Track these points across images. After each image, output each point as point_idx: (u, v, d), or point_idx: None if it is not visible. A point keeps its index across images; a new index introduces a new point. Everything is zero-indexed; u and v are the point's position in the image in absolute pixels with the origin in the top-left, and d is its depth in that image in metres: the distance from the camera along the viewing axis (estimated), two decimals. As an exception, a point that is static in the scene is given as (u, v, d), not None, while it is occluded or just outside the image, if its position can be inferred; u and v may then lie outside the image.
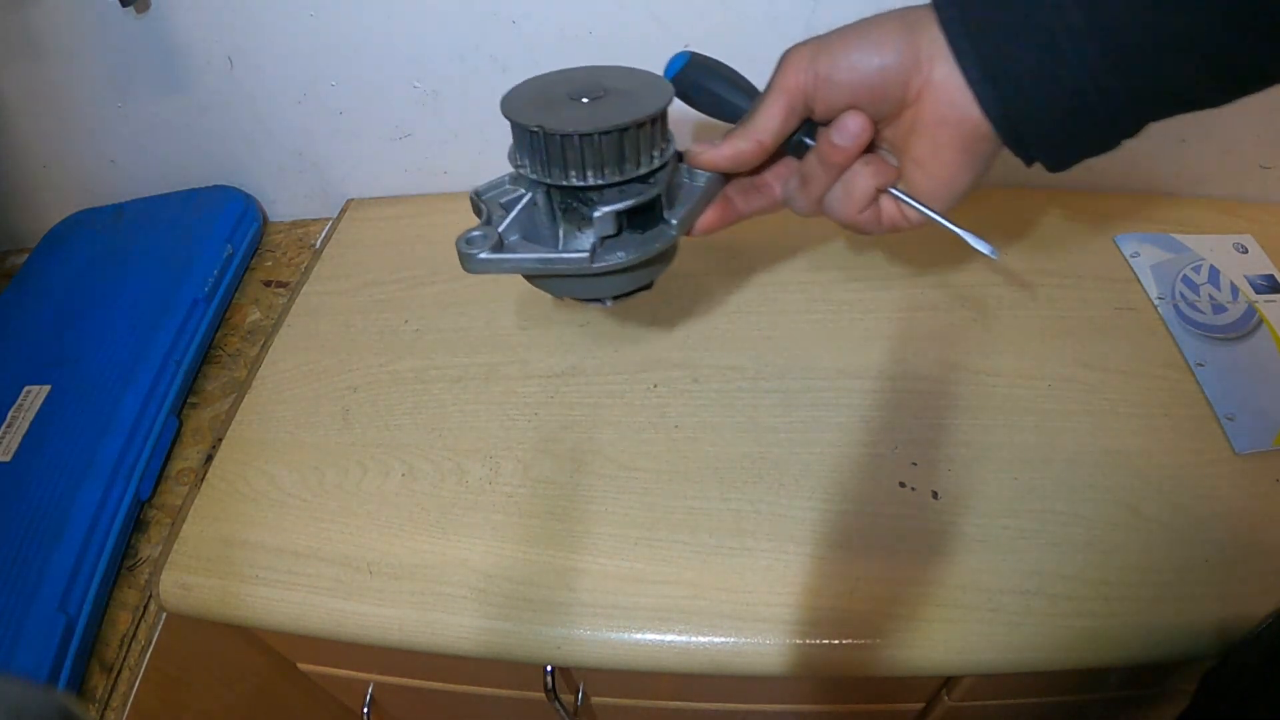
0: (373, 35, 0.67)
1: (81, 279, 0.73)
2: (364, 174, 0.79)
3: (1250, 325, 0.60)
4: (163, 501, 0.59)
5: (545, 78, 0.41)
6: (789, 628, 0.46)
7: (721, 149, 0.40)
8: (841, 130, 0.37)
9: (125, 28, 0.68)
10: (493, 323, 0.65)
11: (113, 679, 0.51)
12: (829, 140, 0.38)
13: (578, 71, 0.41)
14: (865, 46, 0.36)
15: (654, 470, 0.54)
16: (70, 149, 0.79)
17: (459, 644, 0.49)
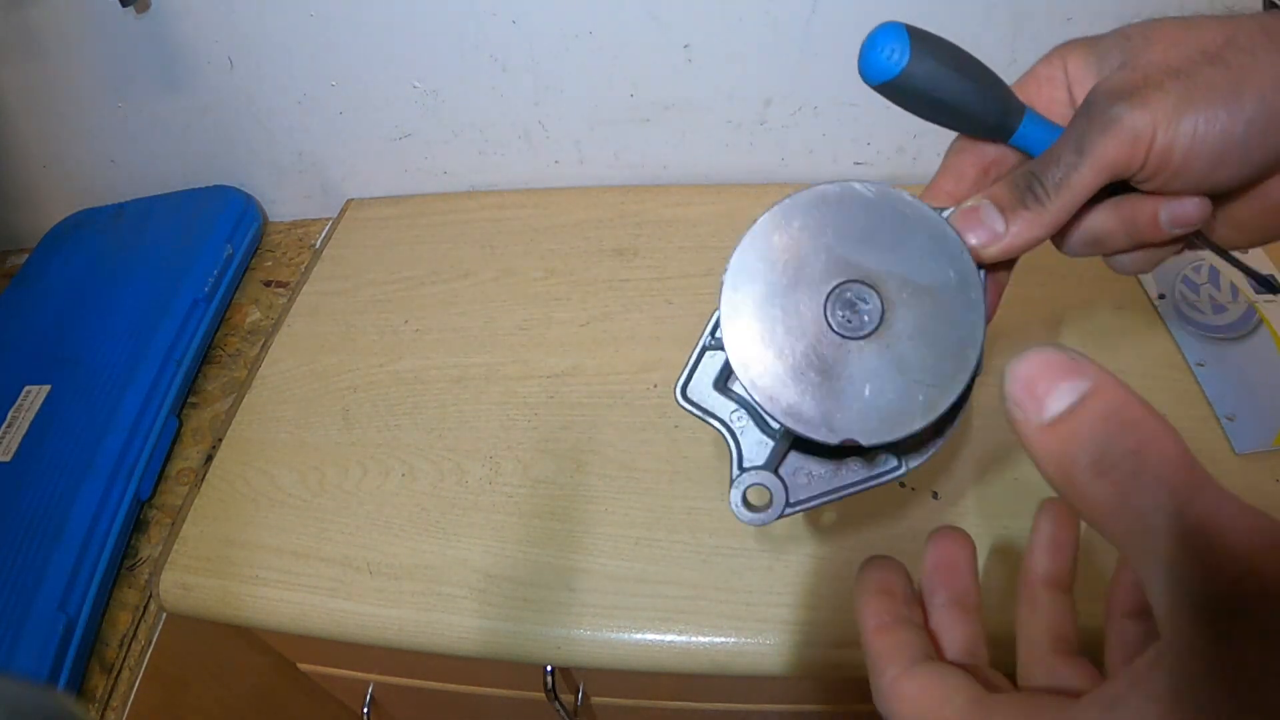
0: (373, 35, 0.67)
1: (81, 279, 0.73)
2: (364, 174, 0.79)
3: (1250, 325, 0.60)
4: (163, 501, 0.59)
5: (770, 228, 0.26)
6: (789, 628, 0.46)
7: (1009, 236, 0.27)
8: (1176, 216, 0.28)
9: (125, 28, 0.68)
10: (493, 323, 0.65)
11: (113, 679, 0.51)
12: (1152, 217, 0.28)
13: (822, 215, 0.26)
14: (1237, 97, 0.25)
15: (654, 470, 0.54)
16: (70, 149, 0.79)
17: (459, 644, 0.49)
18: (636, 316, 0.64)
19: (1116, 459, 0.17)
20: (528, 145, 0.75)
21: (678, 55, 0.66)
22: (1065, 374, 0.18)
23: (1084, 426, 0.17)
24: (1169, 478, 0.16)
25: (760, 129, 0.71)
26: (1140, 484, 0.16)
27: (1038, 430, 0.18)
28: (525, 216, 0.74)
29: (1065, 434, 0.17)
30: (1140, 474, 0.16)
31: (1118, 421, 0.17)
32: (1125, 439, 0.17)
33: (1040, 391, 0.18)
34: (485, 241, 0.72)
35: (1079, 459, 0.17)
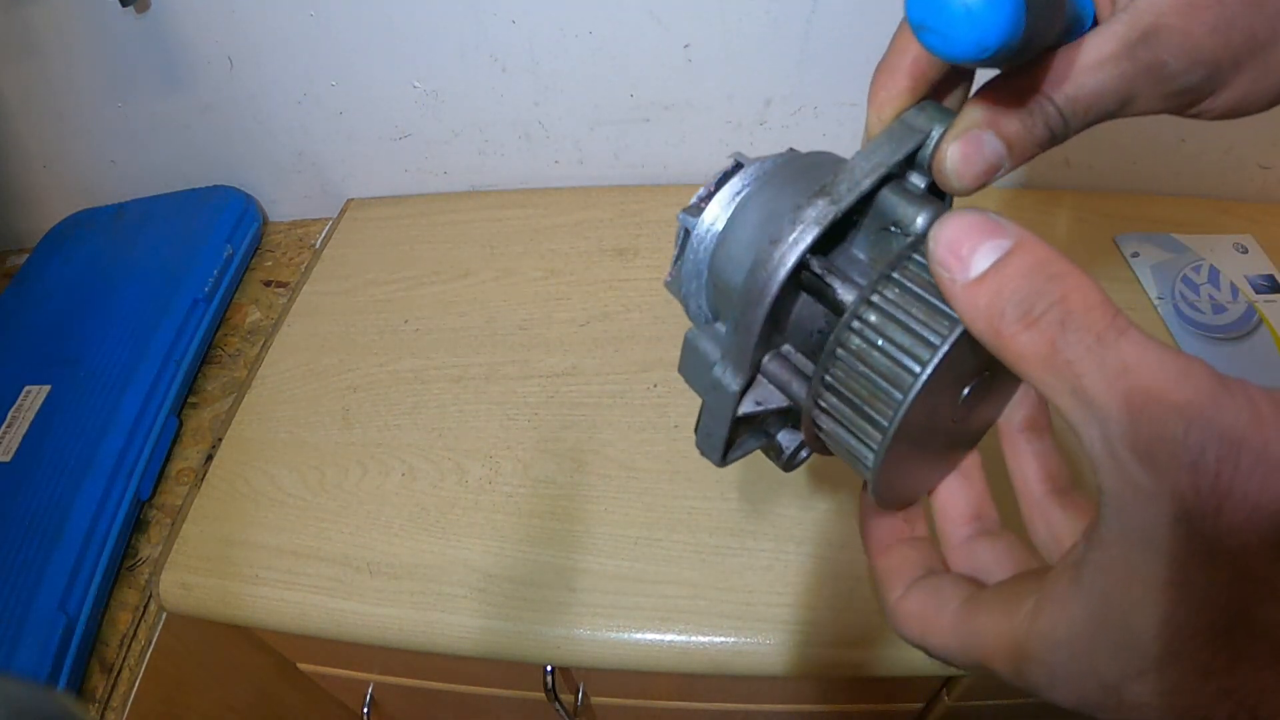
0: (373, 35, 0.67)
1: (81, 279, 0.73)
2: (364, 174, 0.79)
3: (1250, 325, 0.60)
4: (163, 501, 0.59)
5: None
6: (789, 628, 0.46)
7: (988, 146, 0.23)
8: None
9: (125, 27, 0.68)
10: (493, 323, 0.65)
11: (113, 679, 0.51)
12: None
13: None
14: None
15: (654, 470, 0.54)
16: (70, 149, 0.79)
17: (459, 644, 0.49)
18: (636, 316, 0.64)
19: (1043, 309, 0.17)
20: (528, 145, 0.75)
21: (678, 55, 0.66)
22: (988, 234, 0.18)
23: (1010, 280, 0.18)
24: (1094, 324, 0.16)
25: (760, 129, 0.71)
26: (1067, 331, 0.17)
27: (964, 288, 0.18)
28: (525, 216, 0.74)
29: (992, 288, 0.18)
30: (1066, 322, 0.17)
31: (1042, 274, 0.17)
32: (1050, 289, 0.17)
33: (964, 251, 0.18)
34: (485, 241, 0.72)
35: (1006, 311, 0.17)
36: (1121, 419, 0.16)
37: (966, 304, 0.18)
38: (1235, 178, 0.71)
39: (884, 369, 0.20)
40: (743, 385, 0.23)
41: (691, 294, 0.26)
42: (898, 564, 0.25)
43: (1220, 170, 0.71)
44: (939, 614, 0.22)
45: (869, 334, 0.20)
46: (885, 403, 0.20)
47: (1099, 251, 0.67)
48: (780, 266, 0.21)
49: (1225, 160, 0.70)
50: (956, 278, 0.18)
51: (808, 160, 0.25)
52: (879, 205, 0.22)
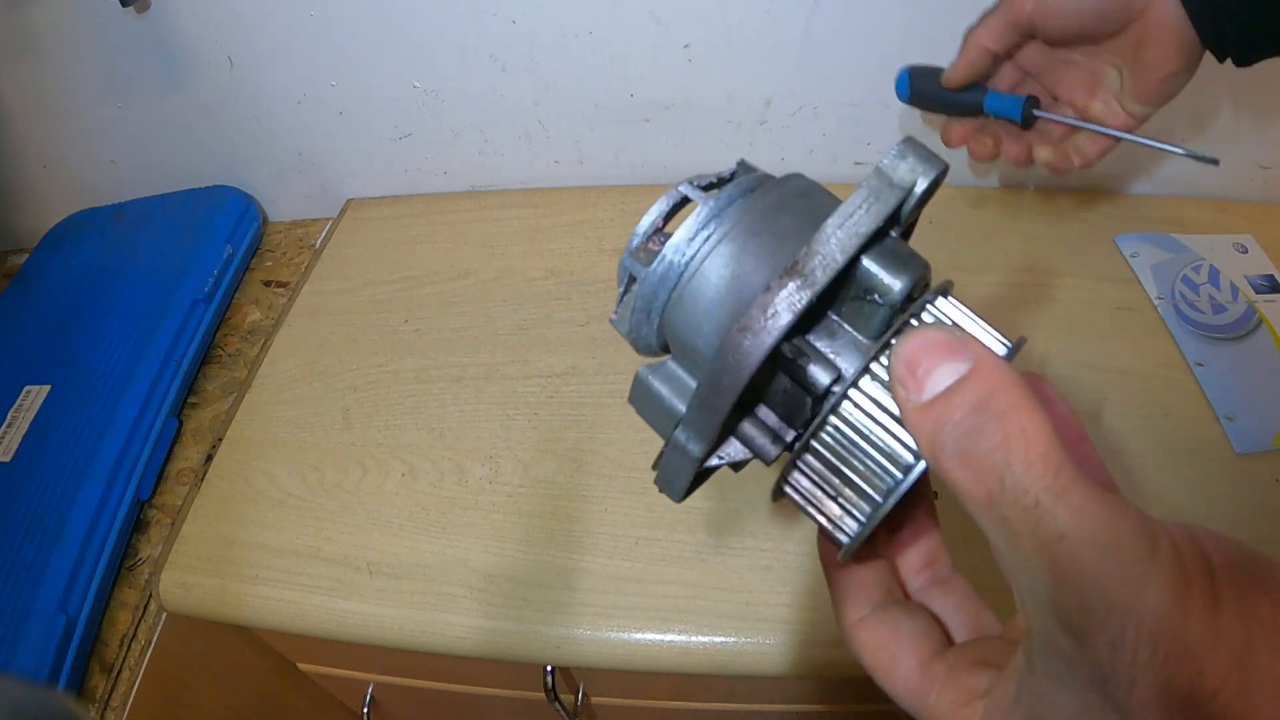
0: (373, 35, 0.67)
1: (81, 279, 0.73)
2: (364, 174, 0.79)
3: (1250, 325, 0.60)
4: (163, 501, 0.59)
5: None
6: (789, 627, 0.46)
7: (958, 65, 0.48)
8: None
9: (125, 28, 0.68)
10: (493, 323, 0.65)
11: (113, 679, 0.51)
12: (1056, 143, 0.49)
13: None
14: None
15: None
16: (70, 149, 0.79)
17: (459, 644, 0.49)
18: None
19: (982, 452, 0.16)
20: (528, 145, 0.75)
21: (678, 55, 0.66)
22: (946, 355, 0.18)
23: (953, 413, 0.17)
24: (1033, 483, 0.16)
25: (760, 129, 0.71)
26: (1005, 488, 0.16)
27: (913, 410, 0.18)
28: (525, 216, 0.74)
29: (936, 418, 0.17)
30: (1004, 473, 0.16)
31: (987, 412, 0.17)
32: (990, 431, 0.16)
33: (920, 372, 0.18)
34: (485, 241, 0.72)
35: (946, 446, 0.17)
36: (1049, 588, 0.16)
37: (914, 426, 0.18)
38: (1235, 178, 0.71)
39: (880, 450, 0.20)
40: (708, 451, 0.23)
41: (640, 334, 0.25)
42: (857, 581, 0.25)
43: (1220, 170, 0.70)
44: (895, 663, 0.23)
45: (858, 418, 0.20)
46: (880, 481, 0.20)
47: (1099, 251, 0.67)
48: (750, 357, 0.20)
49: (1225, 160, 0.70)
50: (910, 397, 0.18)
51: (772, 200, 0.23)
52: (856, 274, 0.21)
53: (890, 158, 0.21)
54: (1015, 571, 0.17)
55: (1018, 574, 0.17)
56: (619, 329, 0.25)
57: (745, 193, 0.23)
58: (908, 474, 0.20)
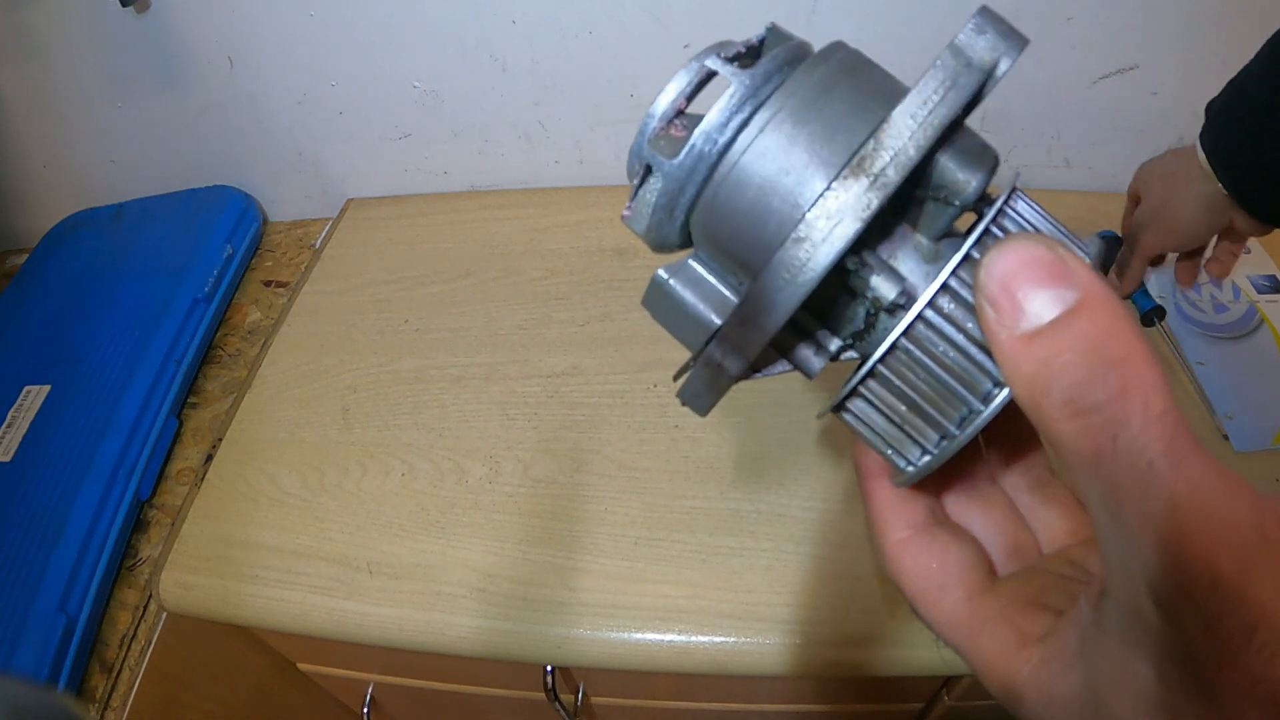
0: (373, 35, 0.67)
1: (81, 279, 0.73)
2: (364, 174, 0.79)
3: (1251, 324, 0.60)
4: (163, 501, 0.59)
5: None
6: (789, 628, 0.46)
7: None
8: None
9: (125, 28, 0.68)
10: (493, 323, 0.65)
11: (113, 679, 0.51)
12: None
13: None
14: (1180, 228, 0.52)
15: (654, 470, 0.54)
16: (70, 149, 0.79)
17: (459, 644, 0.49)
18: (636, 316, 0.64)
19: (1095, 404, 0.15)
20: (528, 145, 0.75)
21: (678, 55, 0.66)
22: (1051, 278, 0.15)
23: (1063, 354, 0.15)
24: (1149, 445, 0.14)
25: (760, 129, 0.71)
26: (1118, 448, 0.14)
27: (1010, 340, 0.16)
28: (525, 216, 0.74)
29: (1042, 356, 0.15)
30: (1119, 430, 0.14)
31: (1102, 357, 0.15)
32: (1108, 380, 0.15)
33: (1020, 296, 0.15)
34: (485, 241, 0.72)
35: (1052, 392, 0.15)
36: (1149, 558, 0.14)
37: (1009, 359, 0.16)
38: (1235, 177, 0.71)
39: (958, 377, 0.18)
40: (746, 370, 0.20)
41: (660, 233, 0.22)
42: (900, 499, 0.23)
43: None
44: (942, 595, 0.21)
45: (932, 340, 0.18)
46: (954, 410, 0.18)
47: (1099, 251, 0.67)
48: (809, 273, 0.17)
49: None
50: (1005, 323, 0.16)
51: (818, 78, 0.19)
52: (926, 170, 0.19)
53: (967, 33, 0.18)
54: (1110, 535, 0.15)
55: (1112, 538, 0.15)
56: (633, 227, 0.22)
57: (783, 66, 0.20)
58: (989, 404, 0.18)
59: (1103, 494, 0.15)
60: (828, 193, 0.17)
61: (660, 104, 0.20)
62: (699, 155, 0.19)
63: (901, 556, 0.22)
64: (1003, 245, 0.16)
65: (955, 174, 0.19)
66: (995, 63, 0.18)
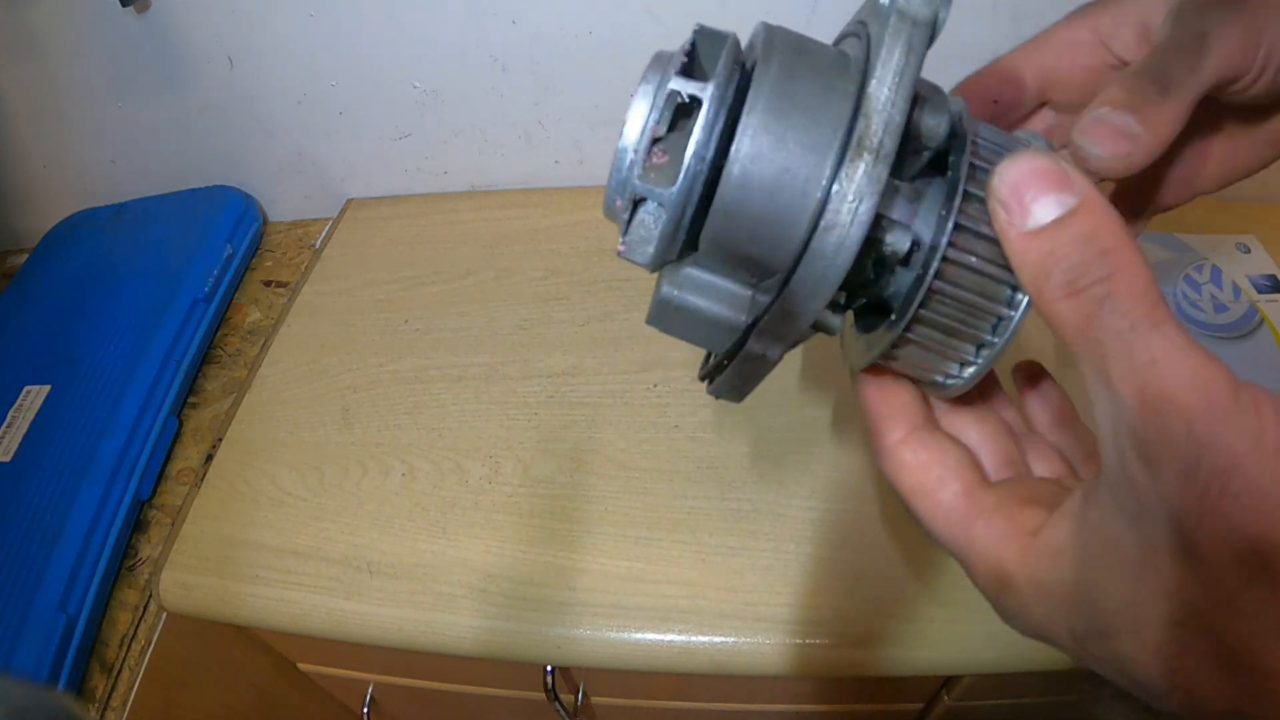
0: (373, 35, 0.67)
1: (81, 279, 0.73)
2: (364, 174, 0.79)
3: (1252, 324, 0.60)
4: (163, 501, 0.59)
5: None
6: (789, 628, 0.46)
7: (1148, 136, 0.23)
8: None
9: (125, 28, 0.68)
10: (493, 323, 0.65)
11: (113, 679, 0.51)
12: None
13: None
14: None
15: (654, 470, 0.54)
16: (70, 149, 0.79)
17: (459, 644, 0.49)
18: (636, 316, 0.64)
19: (1087, 283, 0.17)
20: (528, 145, 0.75)
21: (678, 55, 0.66)
22: (1054, 185, 0.18)
23: (1063, 245, 0.17)
24: (1132, 310, 0.17)
25: (760, 129, 0.71)
26: (1104, 312, 0.17)
27: (1019, 236, 0.18)
28: (525, 216, 0.74)
29: (1045, 247, 0.18)
30: (1106, 303, 0.17)
31: (1095, 247, 0.17)
32: (1100, 265, 0.17)
33: (1028, 199, 0.18)
34: (485, 241, 0.72)
35: (1053, 275, 0.17)
36: (1132, 411, 0.16)
37: (1017, 253, 0.18)
38: (1236, 177, 0.71)
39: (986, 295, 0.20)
40: (786, 351, 0.22)
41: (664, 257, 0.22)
42: (898, 404, 0.24)
43: (1221, 170, 0.70)
44: (940, 486, 0.22)
45: (957, 275, 0.20)
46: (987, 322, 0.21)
47: (1099, 251, 0.67)
48: (842, 257, 0.19)
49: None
50: (1014, 222, 0.18)
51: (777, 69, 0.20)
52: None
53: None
54: (1101, 399, 0.17)
55: (1103, 401, 0.17)
56: (634, 259, 0.22)
57: (739, 67, 0.21)
58: (1016, 308, 0.20)
59: (1093, 360, 0.17)
60: (840, 177, 0.18)
61: (630, 137, 0.20)
62: (694, 176, 0.20)
63: (900, 452, 0.23)
64: (1014, 158, 0.18)
65: (927, 122, 0.20)
66: (935, 14, 0.19)
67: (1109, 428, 0.17)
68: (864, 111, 0.18)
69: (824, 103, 0.19)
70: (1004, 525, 0.21)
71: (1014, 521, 0.21)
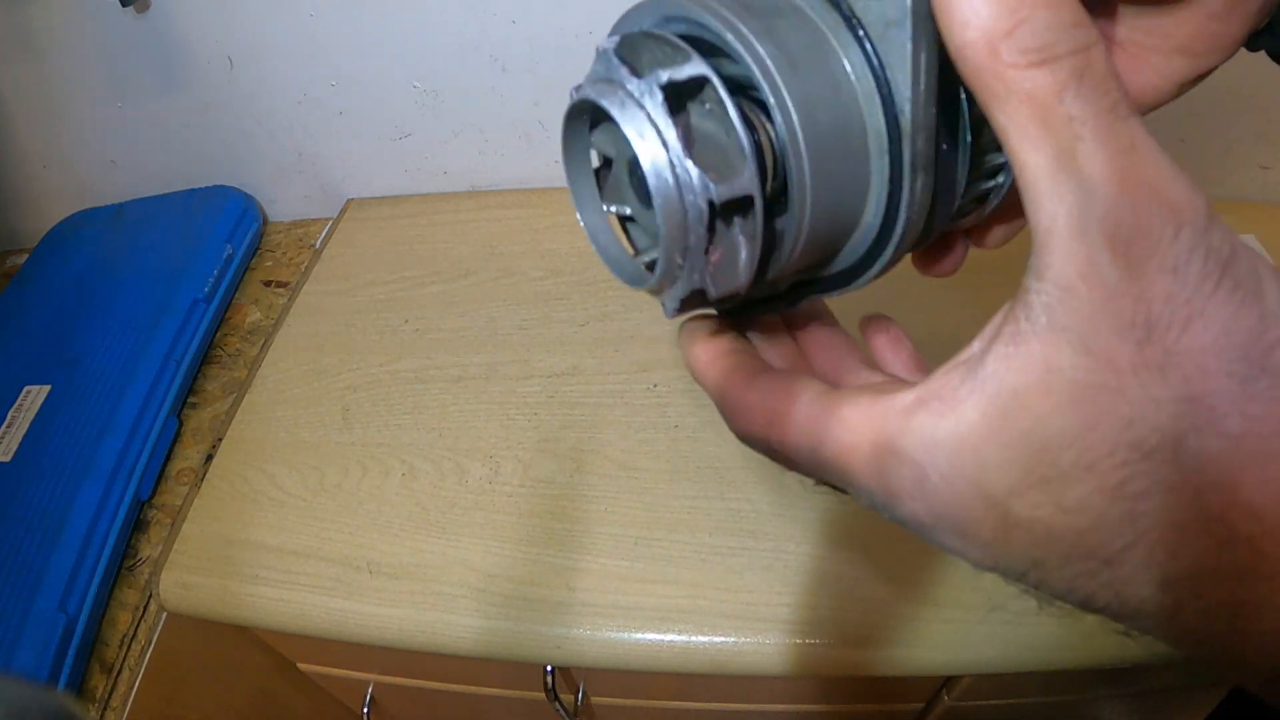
0: (373, 35, 0.67)
1: (81, 279, 0.73)
2: (364, 174, 0.79)
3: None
4: (163, 501, 0.59)
5: None
6: (789, 627, 0.46)
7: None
8: None
9: (125, 27, 0.68)
10: (493, 323, 0.65)
11: (113, 679, 0.51)
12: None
13: None
14: None
15: (654, 470, 0.54)
16: (70, 149, 0.79)
17: (459, 644, 0.49)
18: (636, 316, 0.64)
19: (1063, 51, 0.14)
20: (528, 145, 0.75)
21: (678, 55, 0.66)
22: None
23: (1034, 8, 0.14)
24: (1111, 90, 0.14)
25: (760, 129, 0.71)
26: (1082, 85, 0.14)
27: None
28: (525, 216, 0.74)
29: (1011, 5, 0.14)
30: (1084, 76, 0.14)
31: (1070, 11, 0.14)
32: (1076, 35, 0.14)
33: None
34: (485, 241, 0.72)
35: (1019, 36, 0.14)
36: (1109, 197, 0.14)
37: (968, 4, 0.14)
38: (1235, 178, 0.71)
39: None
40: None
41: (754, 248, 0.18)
42: (733, 365, 0.22)
43: (1220, 170, 0.71)
44: (789, 404, 0.19)
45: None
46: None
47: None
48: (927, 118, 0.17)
49: (1225, 160, 0.70)
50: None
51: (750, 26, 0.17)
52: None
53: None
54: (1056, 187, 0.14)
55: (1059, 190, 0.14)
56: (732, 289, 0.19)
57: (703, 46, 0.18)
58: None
59: (1059, 143, 0.14)
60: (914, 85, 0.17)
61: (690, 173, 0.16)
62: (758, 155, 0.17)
63: (747, 397, 0.20)
64: None
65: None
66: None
67: (1067, 224, 0.14)
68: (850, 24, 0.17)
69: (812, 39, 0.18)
70: (872, 396, 0.17)
71: (884, 390, 0.17)
